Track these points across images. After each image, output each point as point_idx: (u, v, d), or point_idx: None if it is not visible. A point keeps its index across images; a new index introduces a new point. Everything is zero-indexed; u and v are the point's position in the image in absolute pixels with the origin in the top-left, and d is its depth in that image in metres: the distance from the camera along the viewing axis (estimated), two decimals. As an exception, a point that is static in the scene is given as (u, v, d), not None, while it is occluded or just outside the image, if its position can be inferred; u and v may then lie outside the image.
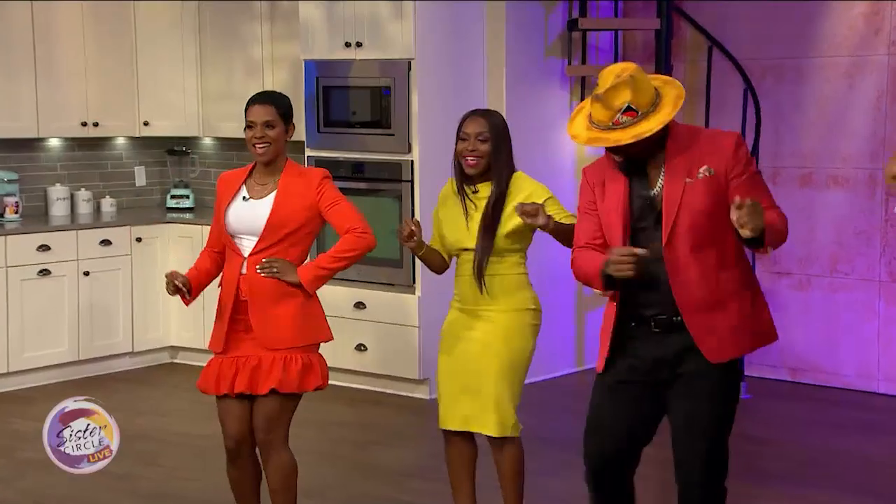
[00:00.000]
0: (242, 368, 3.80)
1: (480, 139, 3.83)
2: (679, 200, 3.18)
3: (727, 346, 3.23)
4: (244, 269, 3.81)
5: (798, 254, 6.58)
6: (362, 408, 6.16)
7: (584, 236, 3.38)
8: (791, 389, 6.49)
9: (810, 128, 6.51)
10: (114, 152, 7.47)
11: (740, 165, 3.20)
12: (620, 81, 3.16)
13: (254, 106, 3.83)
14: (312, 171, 3.90)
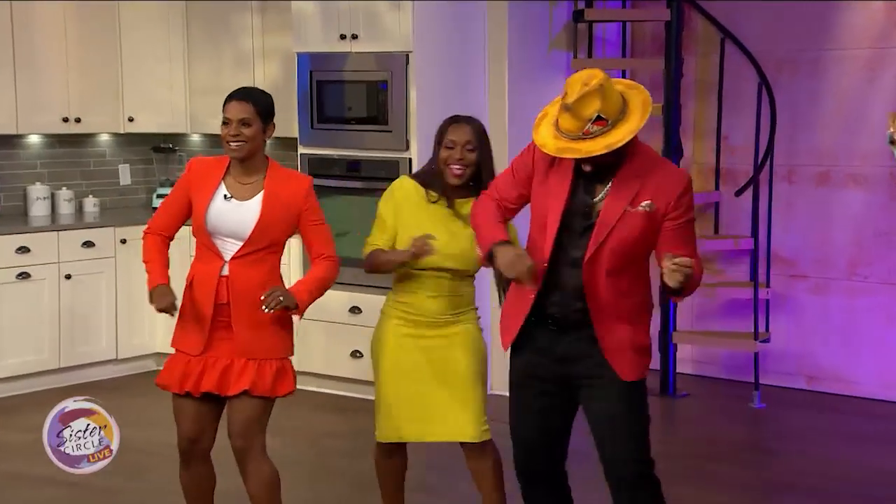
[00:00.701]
0: (211, 368, 3.82)
1: (468, 148, 3.88)
2: (613, 224, 3.35)
3: (636, 366, 3.44)
4: (225, 270, 3.82)
5: (815, 256, 6.57)
6: (357, 418, 6.15)
7: (500, 191, 3.54)
8: (808, 399, 6.48)
9: (828, 124, 6.50)
10: (97, 149, 7.46)
11: (680, 210, 3.38)
12: (590, 91, 3.25)
13: (231, 102, 3.87)
14: (299, 178, 3.92)
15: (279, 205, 3.83)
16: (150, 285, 3.87)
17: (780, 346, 6.64)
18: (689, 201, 3.39)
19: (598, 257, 3.36)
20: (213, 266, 3.83)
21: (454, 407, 3.92)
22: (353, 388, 6.52)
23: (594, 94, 3.24)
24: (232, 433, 3.84)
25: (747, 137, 6.58)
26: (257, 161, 3.87)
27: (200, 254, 3.89)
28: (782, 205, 6.61)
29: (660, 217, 3.36)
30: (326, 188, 6.47)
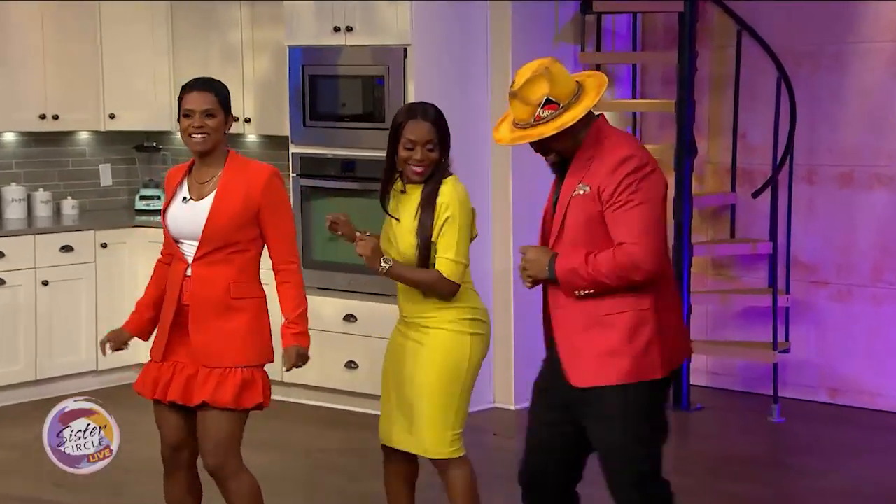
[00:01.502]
0: (178, 375, 3.83)
1: (429, 148, 3.87)
2: (564, 212, 3.39)
3: (592, 372, 3.38)
4: (189, 272, 3.83)
5: (837, 261, 6.56)
6: (352, 432, 6.14)
7: None
8: (830, 413, 6.47)
9: (851, 121, 6.50)
10: (76, 148, 7.46)
11: (610, 189, 3.31)
12: (535, 75, 3.32)
13: (191, 93, 3.84)
14: (258, 169, 3.86)
15: (234, 200, 3.80)
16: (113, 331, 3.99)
17: (801, 356, 6.64)
18: (623, 177, 3.31)
19: (562, 247, 3.40)
20: (179, 268, 3.86)
21: (416, 418, 3.91)
22: (348, 400, 6.51)
23: (540, 78, 3.30)
24: (203, 451, 3.82)
25: (765, 135, 6.58)
26: (217, 155, 3.87)
27: (174, 258, 3.92)
28: (803, 207, 6.61)
29: (597, 198, 3.34)
30: (319, 189, 6.47)
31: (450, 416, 3.89)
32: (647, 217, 3.31)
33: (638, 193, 3.31)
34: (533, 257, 3.40)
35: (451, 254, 3.83)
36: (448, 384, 3.88)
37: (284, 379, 6.66)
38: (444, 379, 3.88)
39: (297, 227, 6.52)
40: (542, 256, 3.40)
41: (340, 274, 6.42)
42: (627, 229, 3.30)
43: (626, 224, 3.31)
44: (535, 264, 3.39)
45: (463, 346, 3.90)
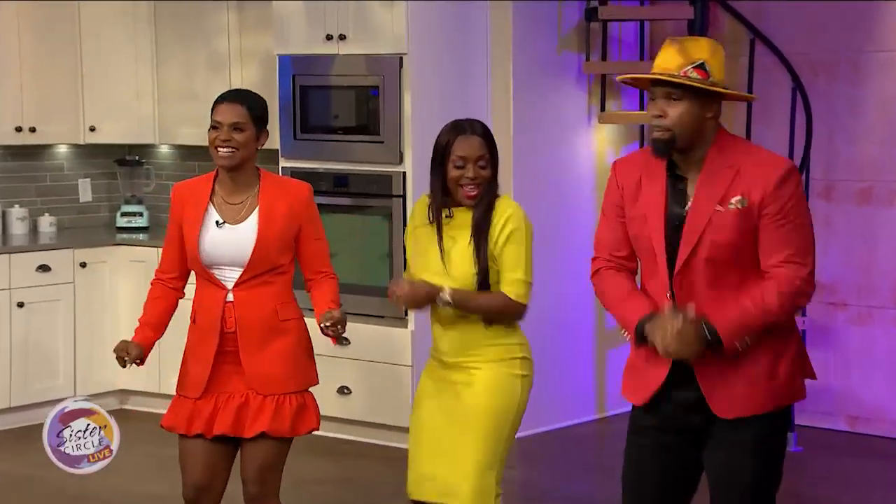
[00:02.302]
0: (225, 406, 3.83)
1: (481, 165, 3.82)
2: (702, 229, 3.25)
3: (739, 402, 3.30)
4: (230, 297, 3.84)
5: (857, 282, 6.57)
6: (346, 462, 6.13)
7: (605, 247, 3.45)
8: (850, 441, 6.47)
9: (870, 134, 6.52)
10: (54, 162, 7.47)
11: (779, 204, 3.23)
12: (705, 38, 3.32)
13: (222, 104, 3.86)
14: (298, 186, 3.94)
15: (278, 221, 3.84)
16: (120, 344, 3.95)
17: (819, 382, 6.56)
18: (790, 195, 3.23)
19: (690, 270, 3.25)
20: (216, 295, 3.84)
21: (457, 465, 3.81)
22: (342, 428, 6.50)
23: (709, 42, 3.31)
24: (247, 479, 3.84)
25: (780, 149, 6.59)
26: (248, 173, 3.88)
27: (201, 284, 3.90)
28: (820, 224, 6.59)
29: (756, 212, 3.23)
30: (311, 205, 6.48)
31: (495, 465, 3.81)
32: (811, 237, 3.29)
33: (803, 210, 3.28)
34: (669, 330, 3.18)
35: (519, 273, 3.77)
36: (496, 430, 3.81)
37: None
38: (493, 424, 3.80)
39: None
40: (680, 324, 3.18)
41: (332, 295, 6.41)
42: (796, 248, 3.23)
43: (795, 243, 3.24)
44: (679, 338, 3.18)
45: (514, 389, 3.83)
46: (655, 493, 3.43)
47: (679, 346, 3.20)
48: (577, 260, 6.76)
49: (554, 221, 6.55)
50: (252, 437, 3.81)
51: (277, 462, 3.87)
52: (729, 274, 3.27)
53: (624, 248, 3.42)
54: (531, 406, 4.02)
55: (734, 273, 3.28)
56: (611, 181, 3.45)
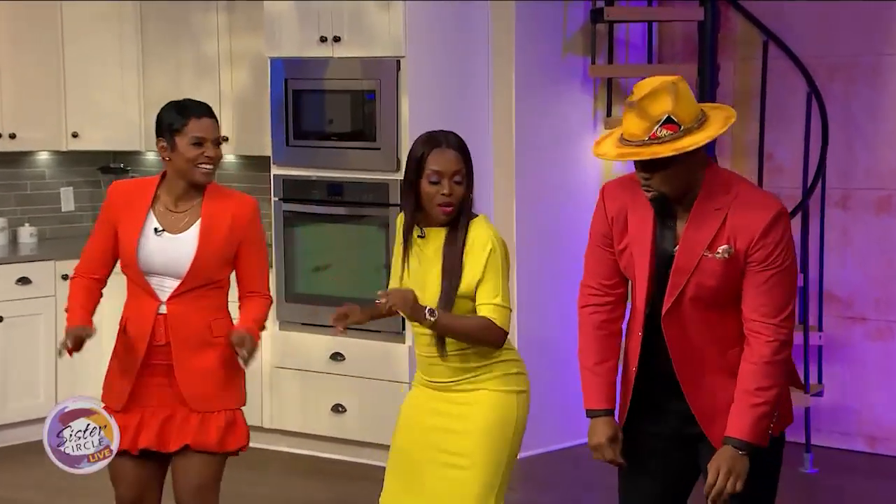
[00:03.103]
0: (150, 420, 3.86)
1: (457, 181, 3.79)
2: (690, 273, 3.33)
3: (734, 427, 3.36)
4: (163, 309, 3.87)
5: (875, 295, 6.57)
6: (339, 484, 6.13)
7: (593, 276, 3.56)
8: (869, 463, 6.46)
9: (889, 140, 6.53)
10: (35, 170, 7.47)
11: (765, 252, 3.30)
12: (660, 87, 3.25)
13: (202, 119, 3.88)
14: (243, 200, 3.96)
15: (220, 234, 3.88)
16: (66, 329, 3.89)
17: (836, 400, 6.63)
18: (776, 242, 3.28)
19: (679, 309, 3.36)
20: (148, 305, 3.88)
21: (458, 495, 3.80)
22: (335, 448, 6.50)
23: (665, 92, 3.24)
24: (181, 499, 3.88)
25: (795, 156, 6.60)
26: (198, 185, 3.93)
27: (133, 292, 3.93)
28: (836, 235, 6.62)
29: (742, 259, 3.31)
30: (304, 215, 6.48)
31: (496, 486, 3.80)
32: (793, 279, 3.36)
33: (788, 255, 3.32)
34: (723, 468, 3.28)
35: (498, 298, 3.77)
36: (496, 452, 3.80)
37: (264, 425, 6.67)
38: (492, 446, 3.80)
39: (279, 256, 6.55)
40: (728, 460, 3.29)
41: (327, 308, 6.38)
42: (772, 299, 3.31)
43: (774, 293, 3.31)
44: (727, 473, 3.28)
45: (511, 407, 3.84)
46: (652, 493, 3.51)
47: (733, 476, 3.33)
48: (580, 272, 6.77)
49: (557, 231, 6.56)
50: (181, 453, 3.85)
51: (211, 480, 3.89)
52: (716, 315, 3.38)
53: (611, 276, 3.51)
54: (532, 426, 4.02)
55: (720, 313, 3.38)
56: (598, 208, 3.50)
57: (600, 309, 3.52)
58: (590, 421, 3.53)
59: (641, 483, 3.52)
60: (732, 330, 3.37)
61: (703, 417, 3.39)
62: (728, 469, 3.28)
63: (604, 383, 3.52)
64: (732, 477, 3.27)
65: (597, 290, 3.53)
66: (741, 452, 3.30)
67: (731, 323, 3.37)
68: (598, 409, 3.51)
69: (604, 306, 3.52)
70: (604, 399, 3.51)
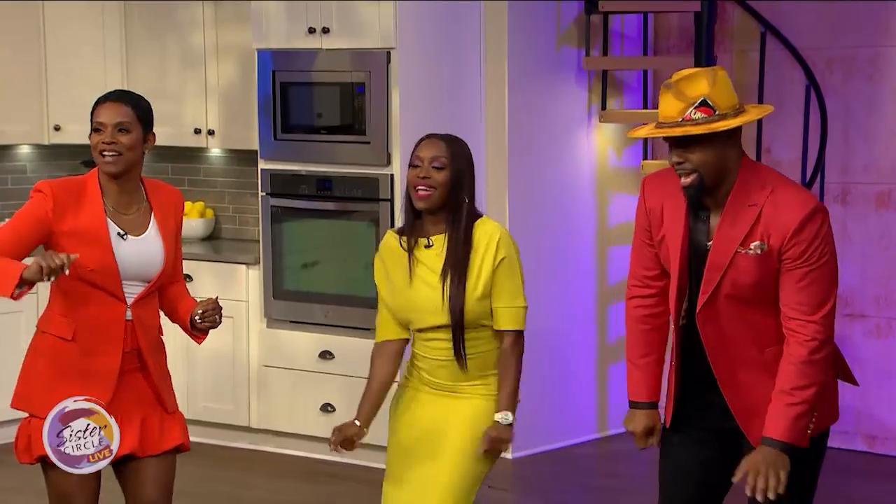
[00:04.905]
0: (126, 425, 3.83)
1: (436, 165, 3.81)
2: (724, 269, 3.40)
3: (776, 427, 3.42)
4: (129, 315, 3.85)
5: (875, 292, 6.59)
6: (328, 484, 6.14)
7: (637, 268, 3.63)
8: (869, 463, 6.48)
9: (889, 134, 6.54)
10: (16, 164, 7.47)
11: (798, 249, 3.35)
12: (699, 71, 3.37)
13: (103, 105, 3.84)
14: (174, 191, 4.01)
15: (171, 230, 3.91)
16: (13, 271, 3.62)
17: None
18: (810, 239, 3.33)
19: (714, 306, 3.42)
20: (114, 312, 3.83)
21: (439, 486, 3.86)
22: (324, 448, 6.48)
23: (703, 75, 3.35)
24: (150, 500, 3.89)
25: (793, 150, 6.62)
26: (134, 179, 3.87)
27: (84, 298, 3.81)
28: (835, 230, 6.54)
29: (776, 256, 3.37)
30: (292, 210, 6.48)
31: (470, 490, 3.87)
32: (831, 277, 3.39)
33: (825, 251, 3.37)
34: (762, 467, 3.33)
35: (520, 300, 3.82)
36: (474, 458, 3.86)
37: (252, 425, 6.68)
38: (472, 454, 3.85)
39: (267, 253, 6.55)
40: (766, 458, 3.34)
41: (315, 305, 6.42)
42: (809, 297, 3.35)
43: (810, 291, 3.36)
44: (767, 471, 3.32)
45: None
46: (692, 486, 3.59)
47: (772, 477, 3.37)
48: (577, 270, 6.79)
49: (552, 228, 6.57)
50: (143, 459, 3.88)
51: (173, 478, 3.96)
52: (752, 311, 3.43)
53: (652, 267, 3.58)
54: (529, 426, 4.04)
55: (757, 310, 3.44)
56: (640, 201, 3.60)
57: (643, 302, 3.61)
58: (629, 409, 3.62)
59: (680, 472, 3.60)
60: (770, 328, 3.43)
61: (740, 414, 3.46)
62: (766, 467, 3.32)
63: (646, 376, 3.60)
64: (773, 475, 3.32)
65: (639, 283, 3.62)
66: (780, 452, 3.35)
67: (769, 321, 3.42)
68: (638, 402, 3.61)
69: (647, 298, 3.60)
70: (644, 392, 3.60)
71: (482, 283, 3.80)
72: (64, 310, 3.85)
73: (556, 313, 6.51)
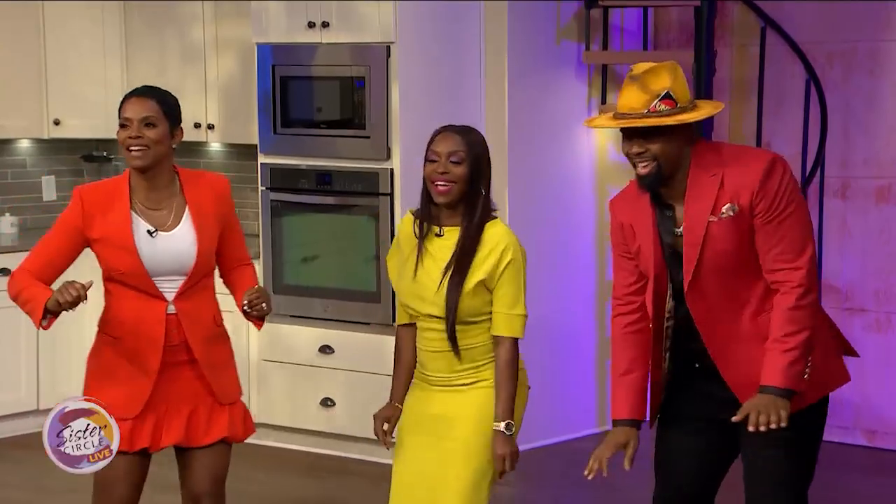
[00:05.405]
0: (171, 419, 3.87)
1: (454, 160, 3.81)
2: (700, 242, 3.45)
3: None
4: (171, 309, 3.86)
5: (875, 286, 6.59)
6: (328, 479, 6.14)
7: (620, 286, 3.70)
8: (868, 457, 6.48)
9: (889, 128, 6.55)
10: (15, 158, 7.47)
11: (767, 200, 3.42)
12: (661, 65, 3.44)
13: (129, 100, 3.87)
14: (217, 179, 3.99)
15: (208, 220, 3.90)
16: (39, 301, 3.74)
17: (834, 394, 6.62)
18: (776, 186, 3.41)
19: (700, 283, 3.46)
20: (154, 308, 3.85)
21: (450, 483, 3.84)
22: (324, 443, 6.52)
23: (665, 69, 3.43)
24: (202, 493, 3.92)
25: (793, 145, 6.62)
26: (165, 173, 3.87)
27: (128, 297, 3.86)
28: (835, 225, 6.64)
29: (748, 214, 3.43)
30: (292, 204, 6.49)
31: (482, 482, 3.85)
32: (805, 226, 3.46)
33: (793, 198, 3.44)
34: (761, 407, 3.37)
35: (516, 308, 3.81)
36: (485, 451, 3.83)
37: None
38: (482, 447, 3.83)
39: (267, 247, 6.55)
40: (765, 400, 3.39)
41: (315, 300, 6.43)
42: (789, 244, 3.42)
43: (788, 238, 3.42)
44: (767, 409, 3.37)
45: None
46: (687, 474, 3.64)
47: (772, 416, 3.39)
48: (576, 266, 6.80)
49: (552, 222, 6.57)
50: (204, 447, 3.90)
51: (226, 468, 3.97)
52: (737, 281, 3.48)
53: (634, 281, 3.65)
54: (528, 420, 4.04)
55: (742, 279, 3.48)
56: (612, 221, 3.69)
57: (627, 319, 3.68)
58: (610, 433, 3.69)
59: (675, 460, 3.64)
60: (757, 296, 3.47)
61: (738, 388, 3.49)
62: (766, 406, 3.36)
63: (626, 394, 3.64)
64: (773, 412, 3.36)
65: (621, 301, 3.68)
66: (778, 396, 3.39)
67: (755, 289, 3.47)
68: (616, 419, 3.65)
69: (629, 315, 3.68)
70: (625, 409, 3.63)
71: (475, 280, 3.79)
72: (111, 309, 3.91)
73: (556, 308, 6.52)
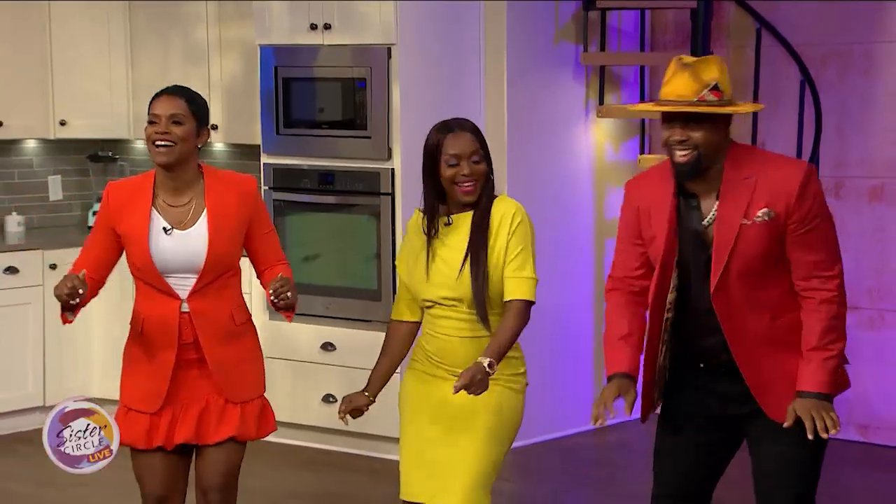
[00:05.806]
0: (184, 415, 3.91)
1: (475, 160, 3.89)
2: (732, 244, 3.48)
3: (787, 402, 3.53)
4: (185, 307, 3.90)
5: (868, 284, 6.62)
6: (329, 474, 6.17)
7: (620, 267, 3.69)
8: (862, 453, 6.49)
9: (883, 129, 6.57)
10: (22, 158, 7.49)
11: (804, 209, 3.47)
12: (711, 57, 3.49)
13: (160, 97, 3.91)
14: (243, 181, 3.98)
15: (228, 222, 3.89)
16: None
17: (829, 390, 6.68)
18: (812, 197, 3.46)
19: (727, 285, 3.49)
20: (169, 305, 3.89)
21: (459, 474, 3.90)
22: (326, 438, 6.55)
23: (714, 61, 3.47)
24: (210, 487, 3.94)
25: (787, 145, 6.64)
26: (189, 172, 3.91)
27: (148, 293, 3.93)
28: (830, 224, 6.67)
29: (783, 222, 3.47)
30: (294, 204, 6.52)
31: (491, 475, 3.93)
32: (834, 231, 3.54)
33: (824, 209, 3.51)
34: (814, 413, 3.44)
35: (526, 271, 3.85)
36: (498, 444, 3.92)
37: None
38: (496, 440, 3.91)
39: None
40: (816, 405, 3.47)
41: (317, 298, 6.46)
42: (826, 254, 3.49)
43: (824, 248, 3.49)
44: (821, 415, 3.44)
45: (518, 406, 3.97)
46: (685, 472, 3.68)
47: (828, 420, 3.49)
48: (575, 262, 6.83)
49: (550, 222, 6.59)
50: (215, 443, 3.91)
51: (238, 466, 3.98)
52: (759, 283, 3.51)
53: (638, 267, 3.66)
54: (528, 416, 4.09)
55: (762, 282, 3.52)
56: (625, 204, 3.68)
57: (624, 296, 3.67)
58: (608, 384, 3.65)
59: (675, 457, 3.68)
60: (780, 297, 3.52)
61: (756, 389, 3.53)
62: (818, 410, 3.43)
63: (625, 351, 3.62)
64: (827, 416, 3.44)
65: (620, 282, 3.68)
66: (822, 400, 3.46)
67: (778, 291, 3.52)
68: (615, 373, 3.61)
69: (627, 294, 3.67)
70: (622, 363, 3.61)
71: (497, 252, 3.85)
72: (138, 305, 3.97)
73: (555, 305, 6.55)
